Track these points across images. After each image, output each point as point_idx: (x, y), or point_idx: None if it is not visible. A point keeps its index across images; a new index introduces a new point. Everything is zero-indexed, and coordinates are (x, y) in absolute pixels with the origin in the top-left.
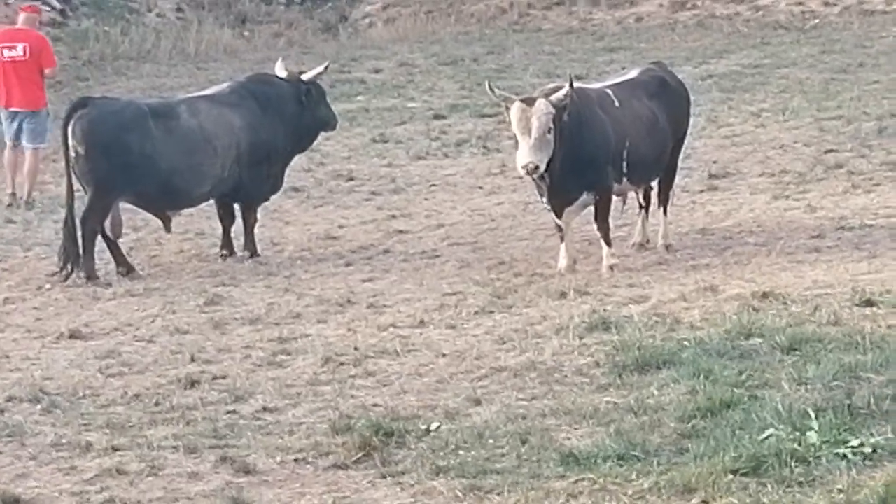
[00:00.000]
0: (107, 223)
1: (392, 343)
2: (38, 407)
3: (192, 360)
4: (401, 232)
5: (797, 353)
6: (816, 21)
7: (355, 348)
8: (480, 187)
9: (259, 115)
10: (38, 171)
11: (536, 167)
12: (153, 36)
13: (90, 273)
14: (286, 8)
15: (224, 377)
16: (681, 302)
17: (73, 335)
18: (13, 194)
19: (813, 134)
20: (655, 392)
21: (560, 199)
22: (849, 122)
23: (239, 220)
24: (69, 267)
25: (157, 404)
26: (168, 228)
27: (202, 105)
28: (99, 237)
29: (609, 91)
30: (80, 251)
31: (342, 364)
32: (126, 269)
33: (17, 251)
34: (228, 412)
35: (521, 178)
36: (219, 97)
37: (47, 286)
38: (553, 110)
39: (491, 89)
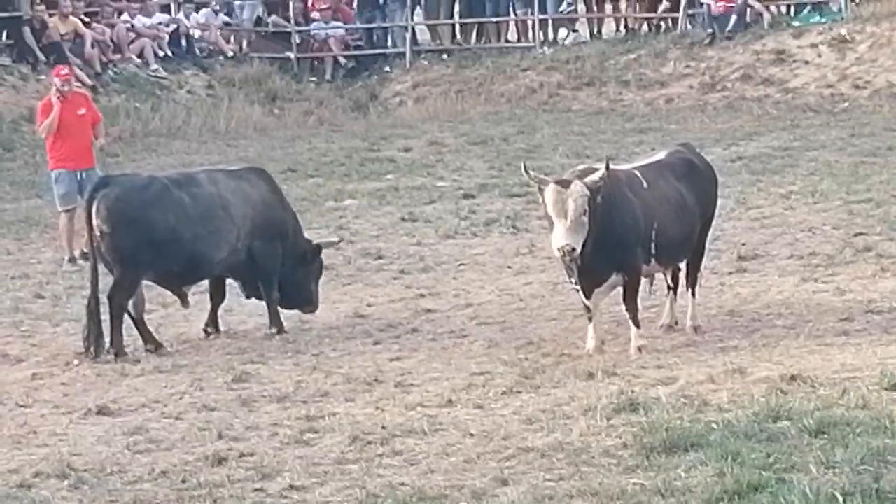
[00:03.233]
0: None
1: (419, 422)
2: (66, 483)
3: (220, 437)
4: (429, 311)
5: (825, 436)
6: (846, 104)
7: (383, 427)
8: (509, 267)
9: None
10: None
11: (573, 249)
12: (184, 112)
13: (119, 350)
14: (316, 86)
15: (251, 455)
16: (709, 384)
17: (101, 411)
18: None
19: (842, 217)
20: (683, 474)
21: (589, 280)
22: (878, 206)
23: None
24: (93, 348)
25: (184, 481)
26: (186, 304)
27: (220, 176)
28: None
29: (637, 172)
30: (109, 329)
31: (369, 443)
32: (154, 345)
33: (46, 327)
34: (255, 490)
35: (549, 258)
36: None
37: (75, 362)
38: (588, 192)
39: (526, 171)
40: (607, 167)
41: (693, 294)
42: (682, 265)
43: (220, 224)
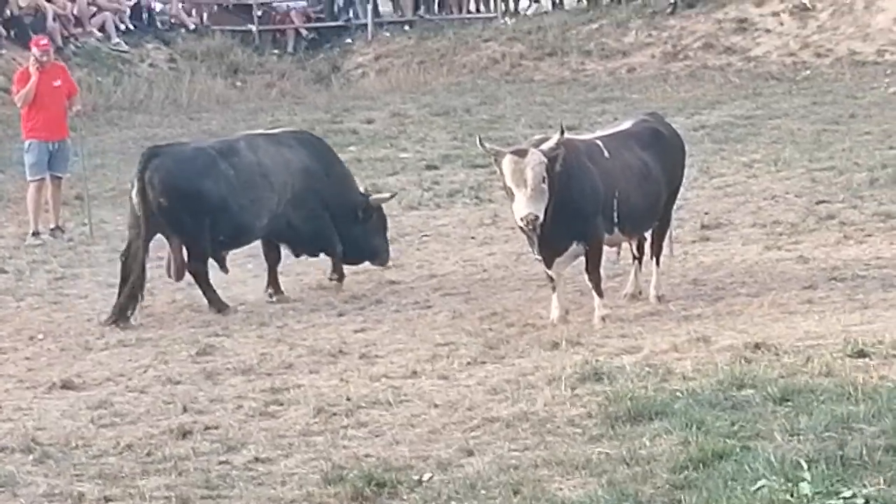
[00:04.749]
0: (172, 266)
1: (384, 393)
2: (31, 457)
3: (185, 410)
4: (393, 282)
5: (789, 403)
6: (808, 72)
7: (347, 399)
8: (473, 238)
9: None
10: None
11: (536, 217)
12: (146, 86)
13: (220, 308)
14: (278, 59)
15: (216, 427)
16: (673, 352)
17: (66, 385)
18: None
19: (805, 185)
20: (648, 443)
21: (550, 249)
22: (840, 173)
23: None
24: (118, 316)
25: (149, 455)
26: (225, 269)
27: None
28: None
29: (599, 142)
30: (202, 292)
31: (334, 414)
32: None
33: (10, 301)
34: (220, 462)
35: (513, 229)
36: None
37: (39, 336)
38: (545, 160)
39: (481, 143)
40: (562, 133)
41: (657, 263)
42: (648, 234)
43: (260, 193)
